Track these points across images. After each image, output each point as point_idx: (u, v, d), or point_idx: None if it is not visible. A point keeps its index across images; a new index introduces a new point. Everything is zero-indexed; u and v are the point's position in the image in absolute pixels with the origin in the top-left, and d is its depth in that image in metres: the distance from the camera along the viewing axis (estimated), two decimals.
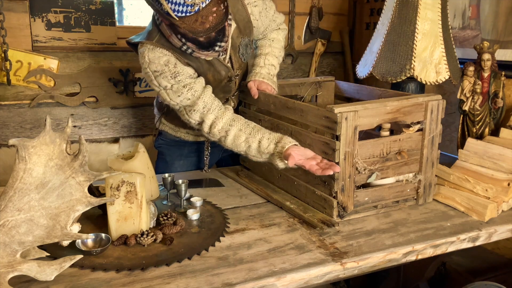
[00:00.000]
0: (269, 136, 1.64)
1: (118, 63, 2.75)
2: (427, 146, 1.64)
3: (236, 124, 1.71)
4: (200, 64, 1.78)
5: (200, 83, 1.75)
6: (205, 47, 1.66)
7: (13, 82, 2.52)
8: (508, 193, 1.65)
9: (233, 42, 1.85)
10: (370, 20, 3.10)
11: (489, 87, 2.00)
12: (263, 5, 1.92)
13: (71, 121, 1.23)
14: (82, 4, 2.61)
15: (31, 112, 2.62)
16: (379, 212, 1.63)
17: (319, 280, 1.30)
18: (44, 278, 1.12)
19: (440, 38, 1.94)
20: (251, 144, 1.66)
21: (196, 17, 1.52)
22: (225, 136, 1.71)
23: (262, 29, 1.98)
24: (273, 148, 1.61)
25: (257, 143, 1.65)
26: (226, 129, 1.71)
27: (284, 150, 1.56)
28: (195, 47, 1.66)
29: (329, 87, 2.15)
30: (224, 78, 1.87)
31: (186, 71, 1.73)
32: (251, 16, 1.88)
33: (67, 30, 2.60)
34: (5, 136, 2.58)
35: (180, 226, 1.46)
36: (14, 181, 1.14)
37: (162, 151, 2.17)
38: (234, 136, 1.69)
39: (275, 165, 1.62)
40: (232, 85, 1.93)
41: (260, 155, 1.66)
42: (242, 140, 1.68)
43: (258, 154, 1.66)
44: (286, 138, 1.60)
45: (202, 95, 1.73)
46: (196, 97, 1.73)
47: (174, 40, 1.68)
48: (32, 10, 2.51)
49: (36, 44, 2.55)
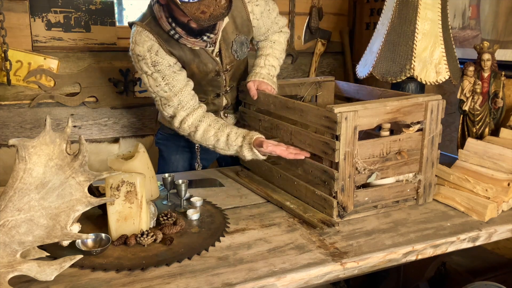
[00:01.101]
0: (236, 131, 1.77)
1: (118, 63, 2.75)
2: (427, 146, 1.64)
3: (205, 120, 1.82)
4: (184, 53, 1.81)
5: (178, 80, 1.80)
6: (194, 35, 1.73)
7: (13, 82, 2.52)
8: (508, 193, 1.65)
9: (226, 36, 1.87)
10: (370, 20, 3.10)
11: (489, 87, 2.00)
12: (265, 6, 1.94)
13: (71, 121, 1.23)
14: (82, 4, 2.61)
15: (31, 112, 2.62)
16: (379, 212, 1.63)
17: (319, 280, 1.30)
18: (44, 278, 1.12)
19: (440, 38, 1.94)
20: (219, 137, 1.78)
21: (199, 5, 1.57)
22: (194, 131, 1.82)
23: (263, 30, 1.99)
24: (241, 140, 1.73)
25: (226, 137, 1.76)
26: (196, 124, 1.81)
27: (253, 140, 1.71)
28: (184, 33, 1.73)
29: (329, 87, 2.15)
30: (211, 71, 1.89)
31: (166, 61, 1.77)
32: (251, 14, 1.89)
33: (67, 30, 2.60)
34: (5, 136, 2.58)
35: (180, 226, 1.46)
36: (14, 181, 1.14)
37: (160, 147, 2.21)
38: (204, 130, 1.80)
39: (242, 156, 1.76)
40: (221, 80, 1.94)
41: (228, 148, 1.77)
42: (211, 134, 1.79)
43: (226, 147, 1.77)
44: (254, 132, 1.75)
45: (179, 92, 1.80)
46: (174, 93, 1.79)
47: (163, 23, 1.73)
48: (32, 10, 2.51)
49: (36, 44, 2.55)
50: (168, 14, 1.71)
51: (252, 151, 1.71)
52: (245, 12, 1.87)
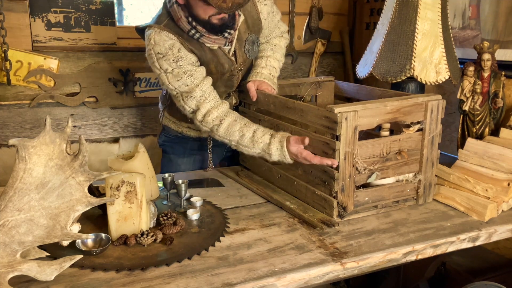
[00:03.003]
0: (263, 129, 1.70)
1: (118, 63, 2.75)
2: (427, 146, 1.64)
3: (231, 115, 1.77)
4: (204, 52, 1.82)
5: (200, 72, 1.79)
6: (215, 31, 1.75)
7: (13, 82, 2.52)
8: (508, 193, 1.65)
9: (239, 35, 1.89)
10: (370, 20, 3.10)
11: (489, 87, 2.00)
12: (271, 7, 1.97)
13: (71, 121, 1.23)
14: (82, 4, 2.61)
15: (31, 112, 2.62)
16: (379, 212, 1.63)
17: (319, 280, 1.30)
18: (44, 278, 1.12)
19: (440, 38, 1.94)
20: (245, 133, 1.71)
21: None
22: (218, 124, 1.76)
23: (266, 32, 2.00)
24: (269, 138, 1.65)
25: (252, 133, 1.69)
26: (221, 118, 1.76)
27: (286, 137, 1.62)
28: (205, 31, 1.74)
29: (329, 87, 2.15)
30: (227, 71, 1.90)
31: (189, 57, 1.77)
32: (260, 14, 1.92)
33: (67, 30, 2.60)
34: (5, 136, 2.58)
35: (180, 226, 1.46)
36: (14, 181, 1.14)
37: (166, 149, 2.19)
38: (229, 125, 1.74)
39: (267, 155, 1.67)
40: (235, 79, 1.96)
41: (253, 145, 1.69)
42: (237, 129, 1.73)
43: (251, 144, 1.69)
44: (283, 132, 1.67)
45: (201, 83, 1.78)
46: (195, 84, 1.77)
47: (183, 24, 1.74)
48: (32, 10, 2.51)
49: (36, 44, 2.55)
50: (187, 14, 1.72)
51: (282, 149, 1.62)
52: (256, 11, 1.90)
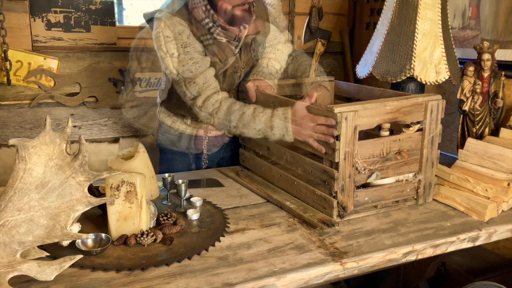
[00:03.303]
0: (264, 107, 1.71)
1: (118, 63, 2.75)
2: (427, 146, 1.64)
3: (231, 99, 1.80)
4: (212, 44, 1.83)
5: (205, 61, 1.81)
6: (233, 23, 1.77)
7: (13, 82, 2.52)
8: (508, 193, 1.65)
9: (248, 34, 1.90)
10: (370, 20, 3.10)
11: (489, 87, 2.00)
12: (279, 12, 2.00)
13: (71, 121, 1.23)
14: (82, 4, 2.61)
15: (31, 112, 2.62)
16: (379, 212, 1.63)
17: (319, 280, 1.30)
18: (44, 278, 1.12)
19: (440, 38, 1.94)
20: (245, 111, 1.72)
21: None
22: (218, 107, 1.77)
23: (271, 36, 2.01)
24: (271, 111, 1.66)
25: (252, 109, 1.71)
26: (221, 101, 1.78)
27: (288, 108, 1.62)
28: (222, 22, 1.76)
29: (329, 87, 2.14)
30: (231, 67, 1.91)
31: (197, 45, 1.80)
32: (269, 16, 1.94)
33: (67, 30, 2.60)
34: (5, 136, 2.58)
35: (180, 226, 1.46)
36: (14, 181, 1.14)
37: (163, 148, 2.19)
38: (229, 106, 1.76)
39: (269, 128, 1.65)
40: (236, 77, 1.97)
41: (254, 120, 1.68)
42: (237, 108, 1.74)
43: (252, 119, 1.69)
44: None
45: (205, 72, 1.80)
46: (200, 72, 1.79)
47: (198, 12, 1.76)
48: (32, 10, 2.51)
49: (36, 44, 2.55)
50: (206, 2, 1.74)
51: (285, 120, 1.61)
52: (265, 12, 1.92)
